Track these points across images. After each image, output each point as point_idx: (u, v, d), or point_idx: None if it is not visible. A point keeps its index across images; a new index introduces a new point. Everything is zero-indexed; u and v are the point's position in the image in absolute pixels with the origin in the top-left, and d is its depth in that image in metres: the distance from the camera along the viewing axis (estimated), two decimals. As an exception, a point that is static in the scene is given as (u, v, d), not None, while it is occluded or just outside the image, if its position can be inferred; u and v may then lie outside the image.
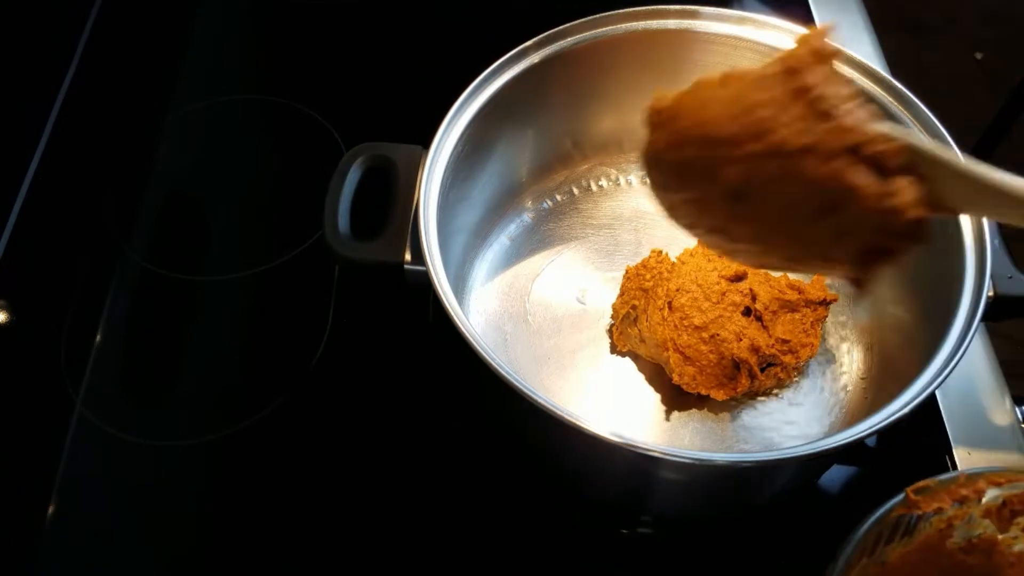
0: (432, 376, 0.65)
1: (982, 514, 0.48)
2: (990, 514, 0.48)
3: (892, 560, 0.48)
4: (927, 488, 0.47)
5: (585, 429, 0.46)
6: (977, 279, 0.52)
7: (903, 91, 0.60)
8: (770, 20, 0.64)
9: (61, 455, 0.61)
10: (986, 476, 0.47)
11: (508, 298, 0.66)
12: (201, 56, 0.85)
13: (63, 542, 0.58)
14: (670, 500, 0.59)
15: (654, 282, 0.61)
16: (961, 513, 0.47)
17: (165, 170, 0.77)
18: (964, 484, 0.47)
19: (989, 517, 0.48)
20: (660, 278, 0.61)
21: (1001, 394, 0.63)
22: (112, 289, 0.69)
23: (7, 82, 0.77)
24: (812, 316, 0.61)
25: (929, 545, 0.48)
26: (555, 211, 0.71)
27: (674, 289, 0.60)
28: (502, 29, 0.66)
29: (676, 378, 0.58)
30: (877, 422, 0.47)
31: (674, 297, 0.60)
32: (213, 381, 0.66)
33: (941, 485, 0.47)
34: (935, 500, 0.47)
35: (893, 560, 0.48)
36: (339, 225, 0.56)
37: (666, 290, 0.60)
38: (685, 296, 0.60)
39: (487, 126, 0.62)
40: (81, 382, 0.64)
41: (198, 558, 0.58)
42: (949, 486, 0.47)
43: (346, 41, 0.86)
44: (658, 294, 0.60)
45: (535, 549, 0.58)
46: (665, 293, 0.60)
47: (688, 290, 0.60)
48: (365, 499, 0.59)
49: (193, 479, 0.61)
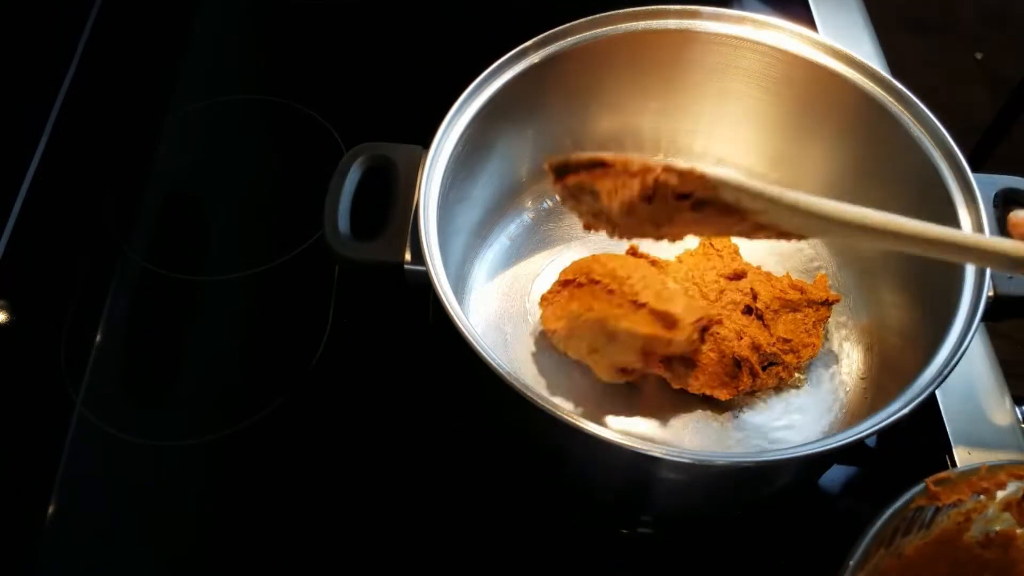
0: (432, 376, 0.65)
1: (1001, 508, 0.47)
2: (1009, 507, 0.47)
3: (908, 552, 0.47)
4: (947, 480, 0.46)
5: (585, 429, 0.46)
6: (977, 279, 0.52)
7: (903, 91, 0.60)
8: (770, 20, 0.64)
9: (61, 455, 0.61)
10: (1007, 469, 0.47)
11: (508, 298, 0.66)
12: (201, 56, 0.85)
13: (63, 542, 0.58)
14: (670, 500, 0.59)
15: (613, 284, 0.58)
16: (980, 506, 0.47)
17: (165, 170, 0.77)
18: (985, 476, 0.46)
19: (1009, 511, 0.48)
20: (615, 278, 0.58)
21: (1001, 394, 0.63)
22: (112, 289, 0.69)
23: (7, 82, 0.77)
24: (814, 316, 0.61)
25: (946, 539, 0.48)
26: (555, 211, 0.71)
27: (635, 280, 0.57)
28: (502, 29, 0.66)
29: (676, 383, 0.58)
30: (877, 422, 0.47)
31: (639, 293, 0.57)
32: (213, 381, 0.66)
33: (961, 477, 0.46)
34: (955, 492, 0.46)
35: (909, 552, 0.47)
36: (339, 225, 0.56)
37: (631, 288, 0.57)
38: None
39: (487, 126, 0.61)
40: (81, 382, 0.64)
41: (198, 558, 0.58)
42: (970, 478, 0.46)
43: (346, 41, 0.86)
44: (624, 292, 0.57)
45: (535, 549, 0.58)
46: (631, 291, 0.57)
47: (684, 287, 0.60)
48: (365, 499, 0.59)
49: (193, 479, 0.61)
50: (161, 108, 0.81)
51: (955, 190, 0.56)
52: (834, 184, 0.68)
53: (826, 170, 0.68)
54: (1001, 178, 0.58)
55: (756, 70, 0.66)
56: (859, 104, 0.62)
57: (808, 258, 0.68)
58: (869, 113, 0.61)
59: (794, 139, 0.69)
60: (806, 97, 0.65)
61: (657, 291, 0.56)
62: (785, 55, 0.64)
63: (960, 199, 0.56)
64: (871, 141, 0.63)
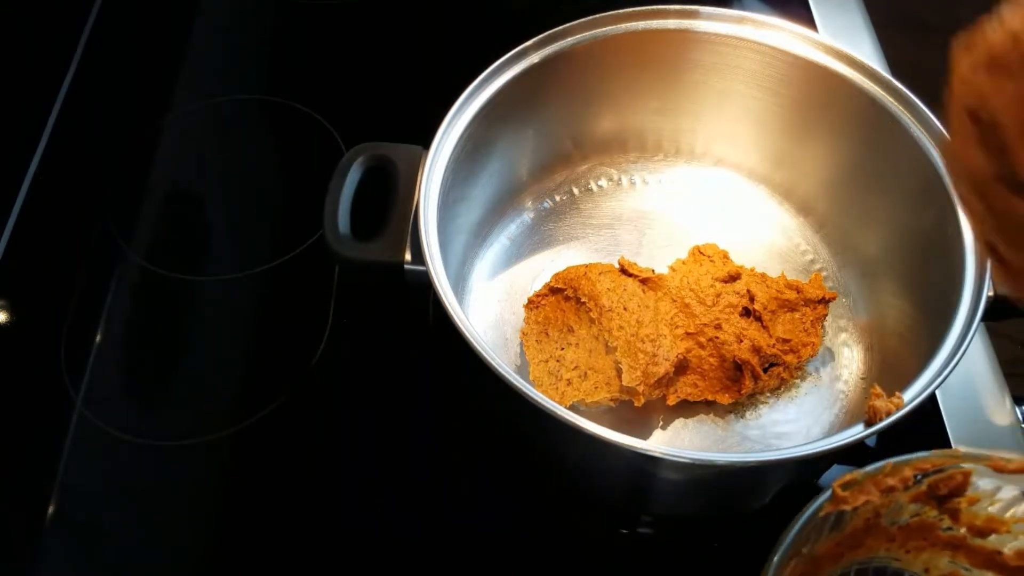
0: (432, 376, 0.65)
1: (910, 499, 0.47)
2: (919, 499, 0.47)
3: (819, 552, 0.47)
4: (854, 481, 0.45)
5: (585, 429, 0.46)
6: (977, 279, 0.52)
7: (903, 91, 0.60)
8: (770, 20, 0.64)
9: (61, 455, 0.61)
10: (912, 464, 0.46)
11: (508, 298, 0.66)
12: (201, 56, 0.85)
13: (63, 542, 0.58)
14: (670, 500, 0.59)
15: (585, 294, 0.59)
16: (887, 501, 0.46)
17: (165, 170, 0.77)
18: (890, 473, 0.46)
19: (919, 502, 0.47)
20: (585, 287, 0.60)
21: (1001, 394, 0.63)
22: (112, 289, 0.69)
23: (7, 82, 0.77)
24: (812, 315, 0.61)
25: (856, 535, 0.48)
26: (555, 211, 0.71)
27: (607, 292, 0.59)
28: (502, 29, 0.66)
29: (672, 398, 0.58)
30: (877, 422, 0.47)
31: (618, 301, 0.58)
32: (213, 381, 0.65)
33: (867, 476, 0.45)
34: (863, 493, 0.45)
35: (820, 552, 0.47)
36: (339, 225, 0.56)
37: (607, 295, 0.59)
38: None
39: (487, 126, 0.61)
40: (81, 382, 0.64)
41: (198, 558, 0.58)
42: (876, 476, 0.46)
43: (346, 41, 0.86)
44: (601, 325, 0.58)
45: (535, 549, 0.58)
46: (609, 301, 0.58)
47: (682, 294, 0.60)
48: (365, 499, 0.59)
49: (193, 479, 0.61)
50: (161, 108, 0.81)
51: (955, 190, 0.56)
52: (834, 184, 0.68)
53: (826, 170, 0.68)
54: (1001, 178, 0.58)
55: (756, 70, 0.66)
56: (859, 104, 0.62)
57: (808, 259, 0.68)
58: (869, 113, 0.61)
59: (794, 139, 0.69)
60: (806, 97, 0.65)
61: (628, 339, 0.57)
62: (785, 55, 0.64)
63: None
64: (871, 141, 0.63)
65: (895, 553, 0.50)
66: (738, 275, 0.62)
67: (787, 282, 0.62)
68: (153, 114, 0.81)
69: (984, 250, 0.41)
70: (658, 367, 0.56)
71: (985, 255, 0.44)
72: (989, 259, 0.37)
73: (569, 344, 0.59)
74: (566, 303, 0.60)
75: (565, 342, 0.59)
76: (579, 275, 0.60)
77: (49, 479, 0.59)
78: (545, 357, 0.59)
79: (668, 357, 0.56)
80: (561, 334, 0.60)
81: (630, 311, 0.58)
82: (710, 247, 0.64)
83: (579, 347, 0.59)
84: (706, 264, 0.63)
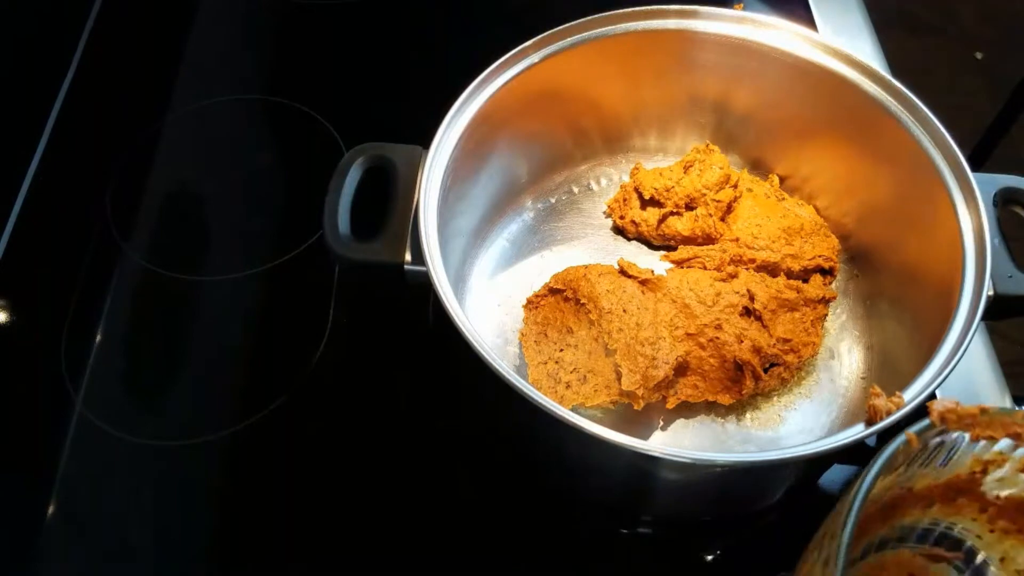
0: (432, 376, 0.65)
1: (1019, 468, 0.44)
2: None
3: (918, 489, 0.45)
4: (986, 412, 0.42)
5: (585, 429, 0.46)
6: (977, 279, 0.52)
7: (903, 91, 0.60)
8: (770, 20, 0.64)
9: (61, 455, 0.61)
10: None
11: (508, 298, 0.66)
12: (201, 56, 0.85)
13: (63, 542, 0.58)
14: (670, 500, 0.59)
15: (585, 296, 0.59)
16: (999, 459, 0.44)
17: (165, 170, 0.77)
18: (1021, 422, 0.42)
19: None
20: (584, 290, 0.60)
21: (1001, 394, 0.63)
22: (112, 289, 0.69)
23: (7, 82, 0.77)
24: (812, 314, 0.61)
25: (954, 486, 0.46)
26: (555, 211, 0.71)
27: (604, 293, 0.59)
28: (502, 29, 0.66)
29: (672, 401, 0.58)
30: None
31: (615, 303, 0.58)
32: (213, 381, 0.66)
33: (998, 416, 0.42)
34: (989, 428, 0.42)
35: (919, 489, 0.45)
36: (339, 225, 0.56)
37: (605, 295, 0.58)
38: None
39: (487, 126, 0.61)
40: (81, 382, 0.64)
41: (198, 558, 0.58)
42: (1005, 419, 0.42)
43: (346, 41, 0.86)
44: (601, 328, 0.58)
45: (535, 549, 0.58)
46: (609, 304, 0.58)
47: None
48: (365, 499, 0.59)
49: (193, 479, 0.61)
50: (161, 108, 0.81)
51: (955, 190, 0.56)
52: (834, 184, 0.68)
53: (826, 170, 0.68)
54: (1001, 178, 0.58)
55: (756, 70, 0.66)
56: (859, 104, 0.62)
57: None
58: (869, 113, 0.61)
59: (794, 139, 0.69)
60: (806, 97, 0.65)
61: (628, 342, 0.57)
62: (785, 55, 0.64)
63: (960, 199, 0.56)
64: (871, 141, 0.63)
65: (981, 526, 0.47)
66: (735, 273, 0.62)
67: (787, 282, 0.62)
68: (153, 114, 0.81)
69: None
70: (657, 371, 0.56)
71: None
72: None
73: (568, 345, 0.59)
74: (565, 304, 0.60)
75: (564, 343, 0.59)
76: (578, 276, 0.60)
77: (49, 478, 0.59)
78: (544, 359, 0.59)
79: (667, 360, 0.56)
80: (560, 335, 0.60)
81: (629, 313, 0.58)
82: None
83: (578, 348, 0.59)
84: (709, 266, 0.63)
